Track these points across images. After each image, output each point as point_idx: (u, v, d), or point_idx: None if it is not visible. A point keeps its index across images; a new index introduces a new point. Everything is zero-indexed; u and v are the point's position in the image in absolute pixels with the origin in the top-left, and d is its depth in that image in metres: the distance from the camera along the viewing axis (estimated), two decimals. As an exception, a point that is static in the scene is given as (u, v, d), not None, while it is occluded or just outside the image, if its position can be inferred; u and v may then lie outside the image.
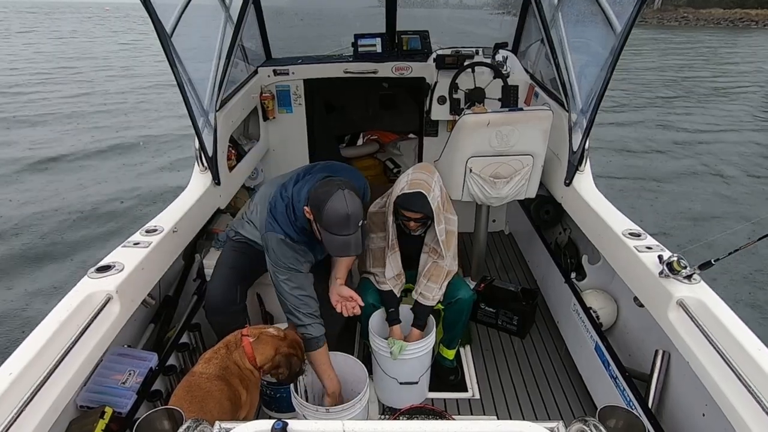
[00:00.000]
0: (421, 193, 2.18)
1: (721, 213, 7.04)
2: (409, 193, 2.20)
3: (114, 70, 18.92)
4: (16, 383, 1.45)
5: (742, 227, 5.22)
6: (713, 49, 28.85)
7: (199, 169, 2.80)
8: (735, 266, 5.35)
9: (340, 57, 3.92)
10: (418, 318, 2.44)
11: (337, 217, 1.90)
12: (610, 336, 2.51)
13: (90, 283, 1.91)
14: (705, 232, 6.31)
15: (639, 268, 2.10)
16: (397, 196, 2.23)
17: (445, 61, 3.51)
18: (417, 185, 2.20)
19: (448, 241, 2.39)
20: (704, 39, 34.35)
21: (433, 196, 2.21)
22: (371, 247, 2.46)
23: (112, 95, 14.28)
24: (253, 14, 3.59)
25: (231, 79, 3.05)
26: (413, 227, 2.30)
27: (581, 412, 2.50)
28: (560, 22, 3.15)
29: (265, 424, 1.15)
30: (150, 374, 2.06)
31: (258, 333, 2.02)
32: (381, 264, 2.43)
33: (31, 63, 19.70)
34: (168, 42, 2.29)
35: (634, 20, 2.19)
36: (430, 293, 2.40)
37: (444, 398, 2.58)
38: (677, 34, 37.66)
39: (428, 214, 2.22)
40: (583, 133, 2.69)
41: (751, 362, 1.55)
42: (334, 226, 1.92)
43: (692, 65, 21.92)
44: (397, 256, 2.43)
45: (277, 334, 2.05)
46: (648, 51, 26.52)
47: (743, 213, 7.01)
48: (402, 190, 2.22)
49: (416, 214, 2.23)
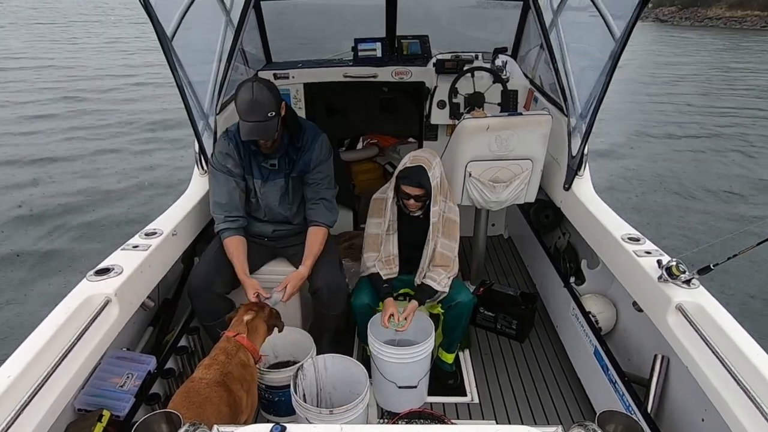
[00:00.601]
0: (422, 167, 2.29)
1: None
2: (411, 167, 2.31)
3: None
4: (14, 385, 1.45)
5: (737, 233, 5.22)
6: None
7: (199, 173, 2.81)
8: (734, 271, 5.35)
9: (340, 61, 3.93)
10: (419, 294, 2.44)
11: (243, 104, 2.14)
12: (609, 340, 2.51)
13: (89, 286, 1.91)
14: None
15: (638, 273, 2.10)
16: (399, 170, 2.34)
17: (445, 65, 3.53)
18: (418, 160, 2.32)
19: (451, 230, 2.45)
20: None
21: (433, 174, 2.31)
22: (368, 231, 2.51)
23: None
24: (253, 18, 3.61)
25: (231, 83, 3.06)
26: (412, 206, 2.36)
27: (580, 416, 2.49)
28: (559, 27, 3.17)
29: (263, 428, 1.15)
30: (148, 377, 2.06)
31: (242, 326, 2.04)
32: (373, 249, 2.48)
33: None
34: (169, 45, 2.30)
35: (633, 25, 2.21)
36: (438, 276, 2.41)
37: (443, 402, 2.57)
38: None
39: (427, 190, 2.30)
40: (582, 138, 2.70)
41: (750, 367, 1.55)
42: (242, 112, 2.15)
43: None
44: (394, 238, 2.45)
45: (256, 312, 2.11)
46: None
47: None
48: (404, 165, 2.34)
49: (416, 189, 2.30)
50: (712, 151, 10.17)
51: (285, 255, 2.60)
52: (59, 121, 11.13)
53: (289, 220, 2.54)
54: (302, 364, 2.17)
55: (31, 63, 17.76)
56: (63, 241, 6.03)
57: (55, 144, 9.62)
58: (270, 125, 2.17)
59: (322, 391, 2.28)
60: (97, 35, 26.01)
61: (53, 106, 12.32)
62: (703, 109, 13.54)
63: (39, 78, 15.41)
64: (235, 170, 2.40)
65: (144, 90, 14.33)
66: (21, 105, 12.34)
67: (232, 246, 2.37)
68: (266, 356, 2.31)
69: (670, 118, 12.51)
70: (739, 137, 11.00)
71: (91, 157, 9.00)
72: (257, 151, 2.37)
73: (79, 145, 9.65)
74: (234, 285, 2.44)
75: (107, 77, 15.84)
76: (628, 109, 13.09)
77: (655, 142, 10.74)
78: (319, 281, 2.40)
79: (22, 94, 13.34)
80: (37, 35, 24.78)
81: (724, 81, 17.73)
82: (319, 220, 2.46)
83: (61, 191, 7.43)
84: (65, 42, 23.60)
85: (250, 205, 2.50)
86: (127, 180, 7.95)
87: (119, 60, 18.95)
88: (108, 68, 17.26)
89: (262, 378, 2.27)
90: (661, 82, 16.97)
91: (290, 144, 2.40)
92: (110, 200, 7.16)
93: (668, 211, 7.33)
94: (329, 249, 2.52)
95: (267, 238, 2.58)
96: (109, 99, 13.26)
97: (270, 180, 2.42)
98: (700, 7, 44.58)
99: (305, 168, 2.42)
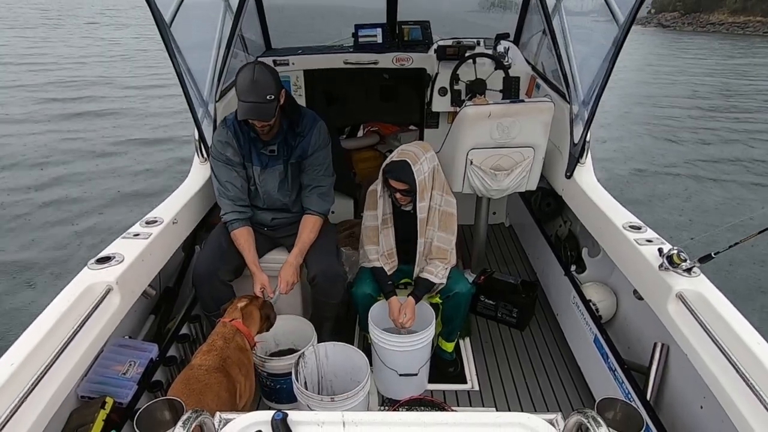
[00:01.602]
0: (406, 162, 2.25)
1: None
2: (396, 161, 2.28)
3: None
4: (17, 373, 1.46)
5: (738, 221, 5.21)
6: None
7: (199, 161, 2.80)
8: (735, 259, 5.35)
9: (340, 48, 3.89)
10: (417, 289, 2.44)
11: (243, 83, 2.14)
12: (609, 329, 2.52)
13: (90, 274, 1.91)
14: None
15: (639, 261, 2.10)
16: (385, 164, 2.32)
17: (446, 52, 3.48)
18: (404, 155, 2.28)
19: (448, 223, 2.45)
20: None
21: (419, 168, 2.26)
22: (366, 224, 2.52)
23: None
24: (252, 4, 3.56)
25: (231, 70, 3.03)
26: (400, 199, 2.36)
27: (580, 404, 2.51)
28: (562, 13, 3.13)
29: (265, 415, 1.15)
30: (150, 365, 2.07)
31: (237, 312, 2.06)
32: (372, 242, 2.48)
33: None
34: (167, 32, 2.28)
35: (637, 11, 2.18)
36: (435, 269, 2.42)
37: (443, 390, 2.59)
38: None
39: (411, 185, 2.26)
40: (585, 125, 2.67)
41: (749, 355, 1.56)
42: (241, 92, 2.15)
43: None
44: (390, 232, 2.45)
45: (249, 301, 2.14)
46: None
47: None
48: (391, 158, 2.32)
49: (401, 184, 2.28)
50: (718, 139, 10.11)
51: (285, 245, 2.60)
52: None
53: (288, 207, 2.54)
54: (303, 352, 2.18)
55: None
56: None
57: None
58: (268, 108, 2.16)
59: (323, 378, 2.30)
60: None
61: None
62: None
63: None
64: (235, 159, 2.39)
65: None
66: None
67: (242, 237, 2.39)
68: (262, 342, 2.33)
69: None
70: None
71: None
72: (257, 138, 2.36)
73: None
74: (237, 273, 2.46)
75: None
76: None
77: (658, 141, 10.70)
78: (315, 269, 2.41)
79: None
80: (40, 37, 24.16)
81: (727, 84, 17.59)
82: (311, 207, 2.47)
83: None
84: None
85: (250, 193, 2.50)
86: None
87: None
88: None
89: (264, 365, 2.29)
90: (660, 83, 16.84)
91: (289, 130, 2.39)
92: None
93: (671, 197, 7.33)
94: (326, 237, 2.52)
95: (266, 227, 2.58)
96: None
97: (269, 167, 2.42)
98: (703, 13, 44.13)
99: (303, 154, 2.42)
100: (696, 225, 6.52)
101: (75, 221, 6.29)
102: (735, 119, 12.43)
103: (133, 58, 18.66)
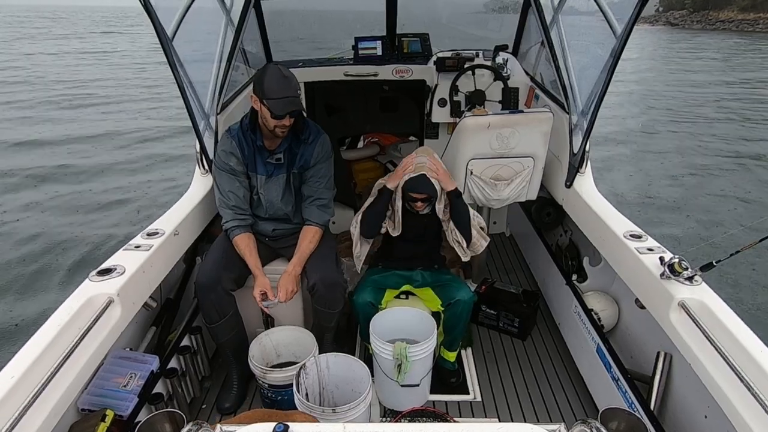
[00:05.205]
0: (423, 175, 2.43)
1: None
2: (415, 177, 2.44)
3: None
4: (17, 386, 1.45)
5: (738, 230, 5.20)
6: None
7: (200, 172, 2.81)
8: (737, 267, 5.33)
9: (340, 60, 3.93)
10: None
11: (274, 81, 2.15)
12: (611, 338, 2.51)
13: (91, 286, 1.91)
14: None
15: (640, 270, 2.10)
16: (405, 182, 2.47)
17: (446, 63, 3.52)
18: (420, 169, 2.45)
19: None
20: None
21: (435, 177, 2.47)
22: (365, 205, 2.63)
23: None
24: (253, 18, 3.61)
25: (232, 82, 3.06)
26: (420, 207, 2.50)
27: (583, 414, 2.49)
28: (560, 24, 3.16)
29: (266, 427, 1.15)
30: (151, 377, 2.06)
31: None
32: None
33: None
34: (169, 45, 2.30)
35: (634, 22, 2.20)
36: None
37: (445, 400, 2.58)
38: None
39: (432, 193, 2.45)
40: (584, 135, 2.69)
41: (753, 364, 1.55)
42: (274, 91, 2.15)
43: None
44: (399, 223, 2.59)
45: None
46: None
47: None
48: (408, 175, 2.47)
49: (422, 195, 2.45)
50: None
51: (286, 255, 2.60)
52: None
53: (289, 218, 2.54)
54: (305, 363, 2.17)
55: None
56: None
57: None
58: (299, 102, 2.22)
59: (324, 389, 2.28)
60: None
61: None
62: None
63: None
64: (238, 168, 2.40)
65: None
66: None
67: (243, 243, 2.40)
68: (264, 353, 2.31)
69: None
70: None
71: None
72: (262, 147, 2.39)
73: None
74: (239, 283, 2.45)
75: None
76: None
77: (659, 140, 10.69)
78: (314, 276, 2.41)
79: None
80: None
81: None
82: (311, 219, 2.48)
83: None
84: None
85: (252, 203, 2.51)
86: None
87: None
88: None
89: (265, 377, 2.28)
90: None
91: (293, 137, 2.41)
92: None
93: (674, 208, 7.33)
94: (325, 246, 2.53)
95: (268, 237, 2.58)
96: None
97: (274, 175, 2.44)
98: (712, 10, 44.15)
99: (305, 164, 2.44)
100: (710, 231, 6.48)
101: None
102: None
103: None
